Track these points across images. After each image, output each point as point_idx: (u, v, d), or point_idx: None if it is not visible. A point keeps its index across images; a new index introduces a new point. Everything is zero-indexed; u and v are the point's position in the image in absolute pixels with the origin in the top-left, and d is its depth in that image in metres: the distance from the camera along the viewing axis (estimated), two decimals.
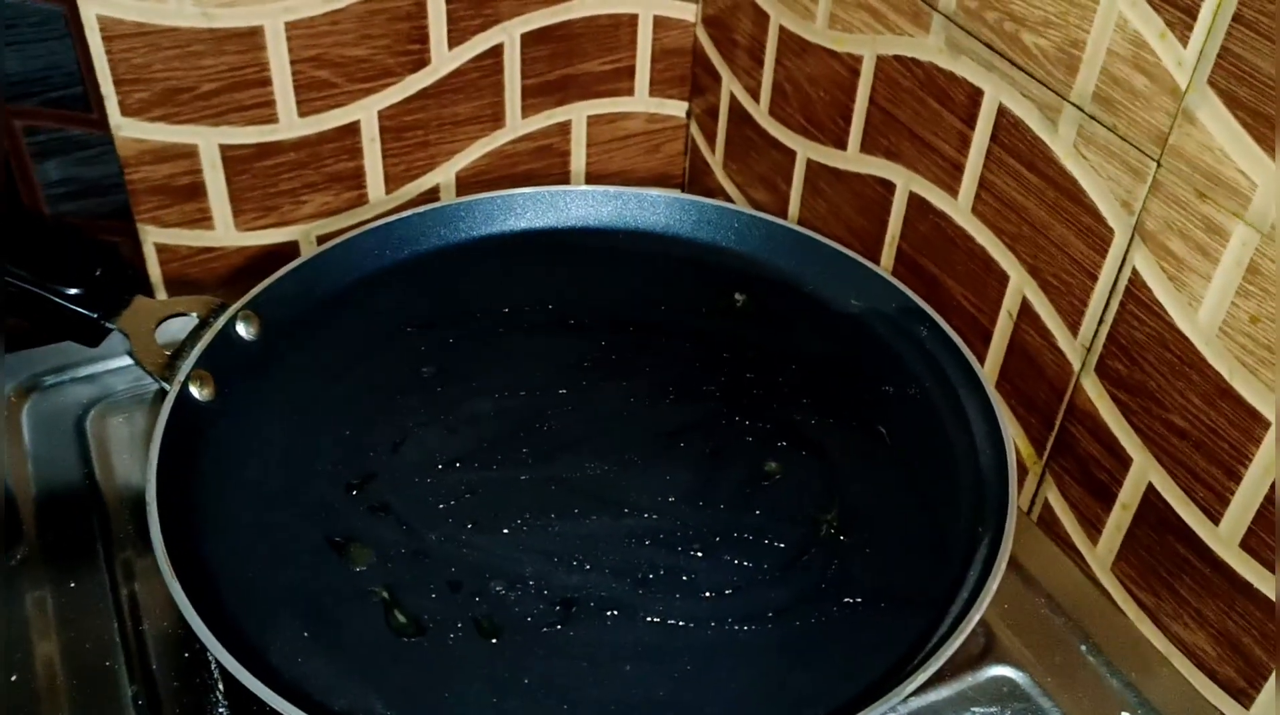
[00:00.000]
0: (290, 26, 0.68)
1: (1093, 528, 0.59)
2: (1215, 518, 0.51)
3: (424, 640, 0.50)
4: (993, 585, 0.48)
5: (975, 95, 0.59)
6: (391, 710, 0.47)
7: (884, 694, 0.45)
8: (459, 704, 0.48)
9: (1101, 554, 0.58)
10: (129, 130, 0.67)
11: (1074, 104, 0.53)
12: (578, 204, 0.71)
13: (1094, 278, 0.55)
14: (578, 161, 0.83)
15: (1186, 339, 0.51)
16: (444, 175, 0.79)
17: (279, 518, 0.55)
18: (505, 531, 0.55)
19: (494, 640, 0.50)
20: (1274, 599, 0.49)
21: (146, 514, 0.50)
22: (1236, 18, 0.45)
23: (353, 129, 0.73)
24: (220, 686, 0.51)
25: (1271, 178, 0.45)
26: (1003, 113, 0.58)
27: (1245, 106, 0.45)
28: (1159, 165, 0.50)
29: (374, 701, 0.47)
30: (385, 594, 0.51)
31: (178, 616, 0.47)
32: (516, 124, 0.79)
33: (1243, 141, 0.46)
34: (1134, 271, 0.52)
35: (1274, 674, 0.50)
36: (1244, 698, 0.52)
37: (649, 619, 0.51)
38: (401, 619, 0.51)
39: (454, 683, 0.48)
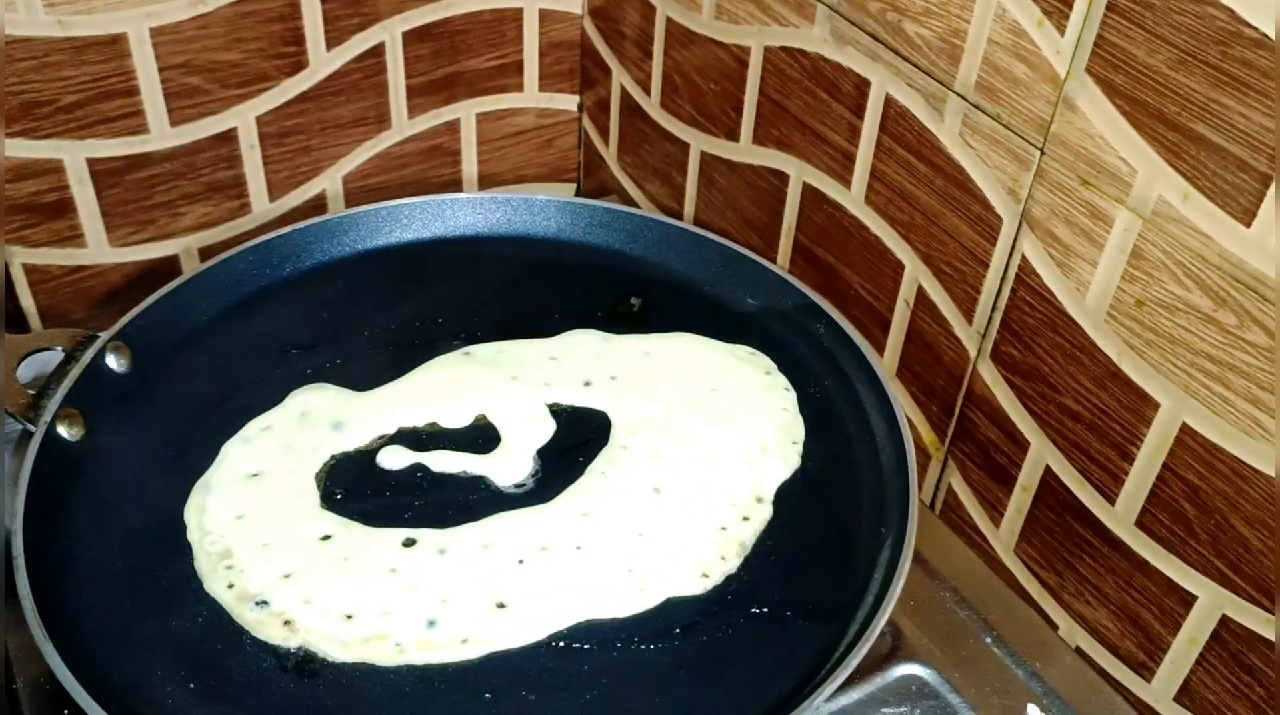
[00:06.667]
0: (155, 32, 0.65)
1: (995, 511, 0.59)
2: (1111, 497, 0.52)
3: (319, 681, 0.48)
4: (896, 589, 0.48)
5: (862, 85, 0.59)
6: None
7: (794, 707, 0.44)
8: None
9: (1004, 536, 0.59)
10: None
11: (958, 93, 0.53)
12: (465, 212, 0.69)
13: (985, 265, 0.55)
14: (469, 161, 0.81)
15: (1075, 323, 0.51)
16: (330, 181, 0.76)
17: (156, 562, 0.52)
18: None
19: (392, 675, 0.48)
20: (1174, 578, 0.50)
21: (13, 565, 0.47)
22: (1111, 6, 0.45)
23: (229, 136, 0.70)
24: None
25: (1150, 164, 0.45)
26: (890, 103, 0.57)
27: (1123, 94, 0.46)
28: (1042, 153, 0.50)
29: None
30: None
31: (52, 671, 0.45)
32: (403, 125, 0.77)
33: (1121, 128, 0.46)
34: (1023, 258, 0.53)
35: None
36: (1145, 671, 0.53)
37: (553, 644, 0.49)
38: (294, 660, 0.48)
39: None
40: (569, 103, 0.83)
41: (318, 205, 0.76)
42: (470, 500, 0.55)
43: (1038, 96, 0.49)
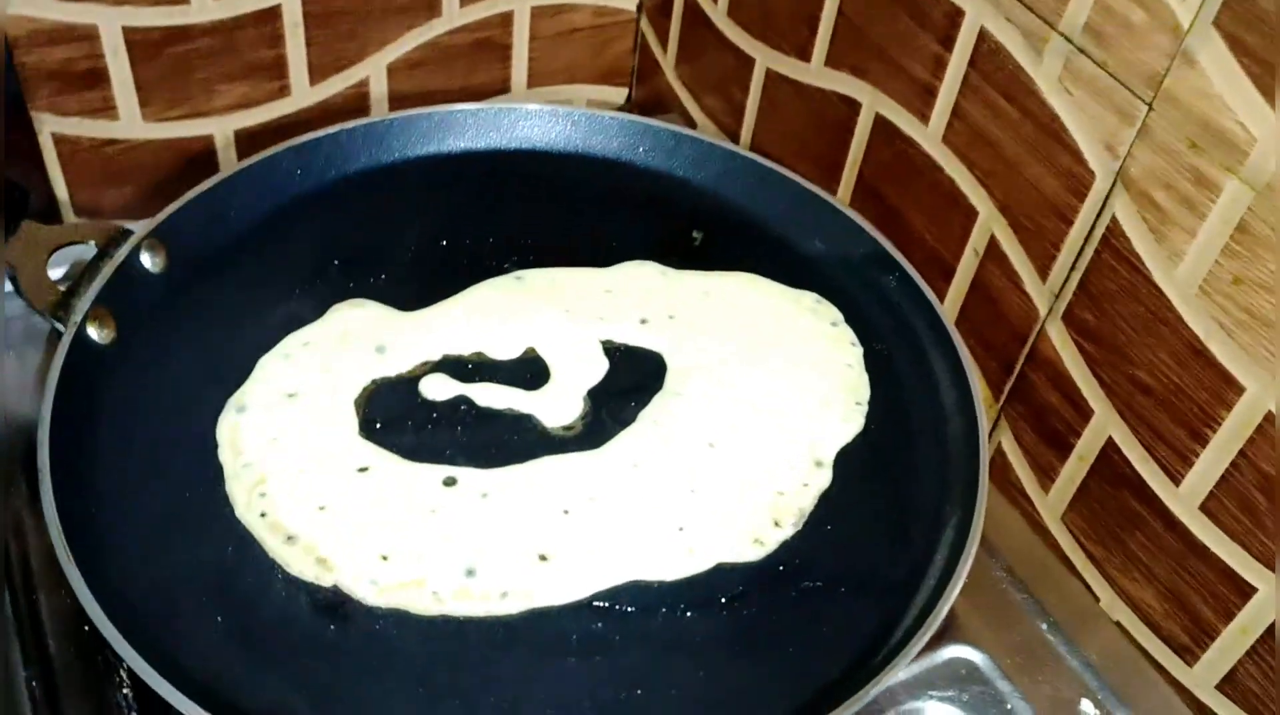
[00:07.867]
0: None
1: (1046, 476, 0.57)
2: (1176, 478, 0.50)
3: (349, 627, 0.46)
4: (960, 577, 0.45)
5: (955, 15, 0.55)
6: (314, 708, 0.43)
7: (846, 695, 0.42)
8: (388, 701, 0.44)
9: (1052, 503, 0.57)
10: (19, 6, 0.60)
11: (1062, 34, 0.50)
12: (524, 124, 0.65)
13: (1069, 222, 0.52)
14: (519, 57, 0.77)
15: (1163, 295, 0.48)
16: (374, 68, 0.72)
17: (186, 482, 0.49)
18: None
19: (427, 624, 0.46)
20: (1234, 567, 0.48)
21: (38, 478, 0.45)
22: None
23: (273, 14, 0.67)
24: (126, 666, 0.45)
25: (1272, 132, 0.42)
26: (984, 37, 0.54)
27: (1252, 53, 0.42)
28: (1150, 109, 0.47)
29: (294, 698, 0.43)
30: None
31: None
32: (454, 14, 0.73)
33: (1245, 91, 0.43)
34: (1113, 219, 0.50)
35: None
36: (1187, 655, 0.52)
37: (595, 603, 0.47)
38: (325, 602, 0.46)
39: (383, 676, 0.44)
40: (628, 2, 0.78)
41: (360, 93, 0.73)
42: (515, 440, 0.52)
43: (1152, 47, 0.46)
